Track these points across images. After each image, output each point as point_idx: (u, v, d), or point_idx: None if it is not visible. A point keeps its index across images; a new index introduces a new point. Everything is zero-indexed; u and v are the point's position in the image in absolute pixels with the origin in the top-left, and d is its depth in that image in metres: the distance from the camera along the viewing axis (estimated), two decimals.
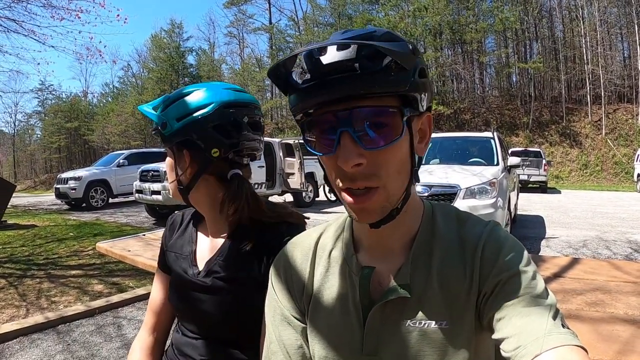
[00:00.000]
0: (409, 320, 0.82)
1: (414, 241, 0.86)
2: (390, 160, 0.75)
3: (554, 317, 0.70)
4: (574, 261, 2.45)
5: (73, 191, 15.77)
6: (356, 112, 0.72)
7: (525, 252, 0.82)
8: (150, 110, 1.27)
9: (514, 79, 38.18)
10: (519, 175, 12.98)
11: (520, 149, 23.09)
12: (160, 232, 3.35)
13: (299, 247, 1.00)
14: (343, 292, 0.89)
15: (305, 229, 1.15)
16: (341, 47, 0.70)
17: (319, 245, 0.98)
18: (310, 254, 0.97)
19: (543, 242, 8.35)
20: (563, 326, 0.69)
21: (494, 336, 0.74)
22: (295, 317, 0.93)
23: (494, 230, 0.85)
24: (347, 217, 0.96)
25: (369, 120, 0.72)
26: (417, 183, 0.82)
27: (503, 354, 0.71)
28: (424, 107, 0.78)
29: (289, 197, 14.71)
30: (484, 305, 0.78)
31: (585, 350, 0.66)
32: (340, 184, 0.76)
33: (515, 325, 0.70)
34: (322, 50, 0.72)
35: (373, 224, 0.80)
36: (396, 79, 0.71)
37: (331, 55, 0.71)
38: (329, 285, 0.91)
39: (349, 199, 0.76)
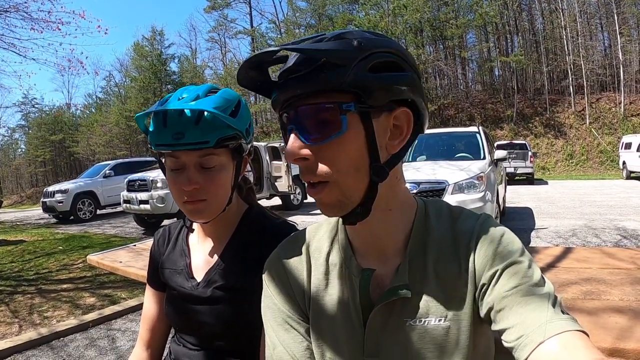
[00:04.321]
0: (409, 320, 0.82)
1: (408, 240, 0.86)
2: (337, 156, 0.76)
3: (554, 305, 0.71)
4: (566, 250, 2.46)
5: (60, 204, 15.66)
6: (299, 111, 0.76)
7: (519, 242, 0.82)
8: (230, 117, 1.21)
9: (497, 73, 38.38)
10: (505, 168, 13.07)
11: (506, 142, 23.24)
12: (150, 241, 3.32)
13: (292, 249, 1.00)
14: (343, 294, 0.89)
15: None
16: (293, 53, 0.76)
17: (313, 246, 0.98)
18: (304, 256, 0.97)
19: (533, 234, 8.41)
20: (563, 312, 0.70)
21: (495, 327, 0.75)
22: (298, 320, 0.93)
23: (486, 222, 0.85)
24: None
25: (310, 118, 0.76)
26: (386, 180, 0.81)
27: (505, 344, 0.71)
28: (381, 102, 0.76)
29: (277, 201, 14.68)
30: (481, 298, 0.78)
31: (587, 334, 0.67)
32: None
33: (516, 315, 0.70)
34: (288, 57, 0.78)
35: (344, 221, 0.84)
36: (328, 77, 0.72)
37: (289, 61, 0.77)
38: (329, 288, 0.91)
39: (308, 190, 0.81)
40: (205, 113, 1.12)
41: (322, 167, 0.77)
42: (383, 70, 0.76)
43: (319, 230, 1.01)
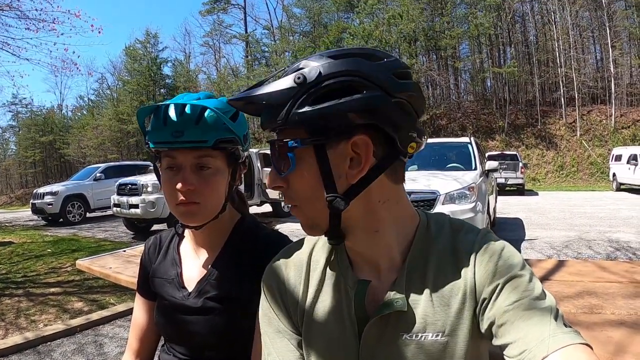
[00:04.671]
0: (405, 334, 0.81)
1: (407, 253, 0.86)
2: (296, 187, 0.81)
3: (556, 318, 0.70)
4: (560, 263, 2.45)
5: (50, 206, 15.56)
6: (271, 145, 0.82)
7: (520, 256, 0.82)
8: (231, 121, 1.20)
9: (489, 84, 38.48)
10: (496, 178, 13.11)
11: (497, 152, 23.33)
12: (140, 247, 3.29)
13: (291, 262, 0.98)
14: (338, 306, 0.88)
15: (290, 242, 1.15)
16: None
17: (313, 256, 0.97)
18: (304, 269, 0.96)
19: (525, 244, 8.44)
20: (565, 325, 0.70)
21: (496, 342, 0.74)
22: (291, 332, 0.92)
23: (486, 237, 0.85)
24: None
25: (273, 153, 0.82)
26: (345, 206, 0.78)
27: (508, 359, 0.70)
28: (330, 132, 0.75)
29: (267, 208, 14.65)
30: (482, 312, 0.78)
31: (590, 347, 0.66)
32: None
33: (518, 330, 0.70)
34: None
35: (329, 241, 0.87)
36: (270, 117, 0.78)
37: None
38: (323, 299, 0.91)
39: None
40: (207, 111, 1.14)
41: (291, 195, 0.83)
42: (335, 96, 0.73)
43: (319, 240, 1.00)
